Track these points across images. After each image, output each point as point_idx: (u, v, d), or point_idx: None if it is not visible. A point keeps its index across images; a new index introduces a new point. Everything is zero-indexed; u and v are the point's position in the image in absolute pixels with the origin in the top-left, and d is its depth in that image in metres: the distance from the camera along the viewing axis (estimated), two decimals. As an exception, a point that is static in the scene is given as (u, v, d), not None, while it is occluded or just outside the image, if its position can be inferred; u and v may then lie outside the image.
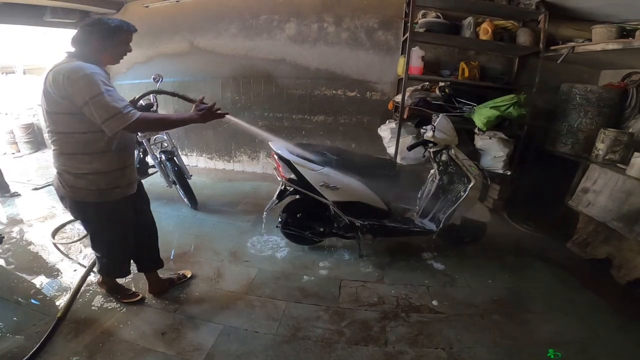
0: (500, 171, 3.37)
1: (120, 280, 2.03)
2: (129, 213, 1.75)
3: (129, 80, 4.49)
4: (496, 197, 3.51)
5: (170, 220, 2.98)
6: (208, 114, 1.65)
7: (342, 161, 2.33)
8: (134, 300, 1.97)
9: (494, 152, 3.36)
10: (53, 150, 1.56)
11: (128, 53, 1.61)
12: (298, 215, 2.46)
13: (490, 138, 3.36)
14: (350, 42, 3.79)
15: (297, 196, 2.41)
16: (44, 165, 4.64)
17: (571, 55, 3.16)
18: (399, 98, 3.44)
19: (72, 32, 1.58)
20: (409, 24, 3.22)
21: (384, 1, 3.63)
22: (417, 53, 3.32)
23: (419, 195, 2.80)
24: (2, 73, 10.03)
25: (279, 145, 2.34)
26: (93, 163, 1.53)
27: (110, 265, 1.86)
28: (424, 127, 2.41)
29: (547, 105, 3.46)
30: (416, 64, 3.33)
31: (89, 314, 1.87)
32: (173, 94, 1.98)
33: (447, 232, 2.53)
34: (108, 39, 1.52)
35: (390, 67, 3.75)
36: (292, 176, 2.26)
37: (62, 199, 1.65)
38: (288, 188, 2.32)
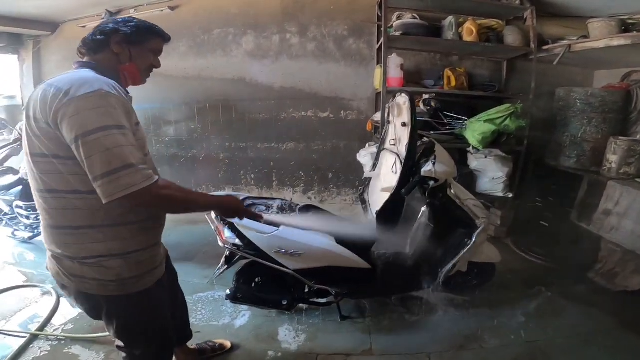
0: (501, 194, 2.92)
1: None
2: (164, 298, 1.22)
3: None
4: (498, 223, 3.04)
5: None
6: (238, 209, 1.29)
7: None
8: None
9: (491, 173, 2.91)
10: (42, 222, 1.03)
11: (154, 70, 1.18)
12: (256, 281, 1.88)
13: (486, 157, 2.92)
14: (317, 53, 3.30)
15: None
16: None
17: (566, 55, 2.77)
18: (378, 116, 2.97)
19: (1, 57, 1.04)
20: (382, 29, 2.78)
21: (352, 5, 3.17)
22: (394, 61, 2.86)
23: (409, 240, 2.27)
24: None
25: None
26: (108, 242, 0.99)
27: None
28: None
29: (542, 114, 3.05)
30: (395, 74, 2.87)
31: None
32: None
33: (449, 279, 2.02)
34: (135, 43, 1.09)
35: (365, 81, 3.27)
36: (237, 241, 1.70)
37: (62, 287, 1.10)
38: (235, 253, 1.76)
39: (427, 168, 1.70)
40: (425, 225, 2.07)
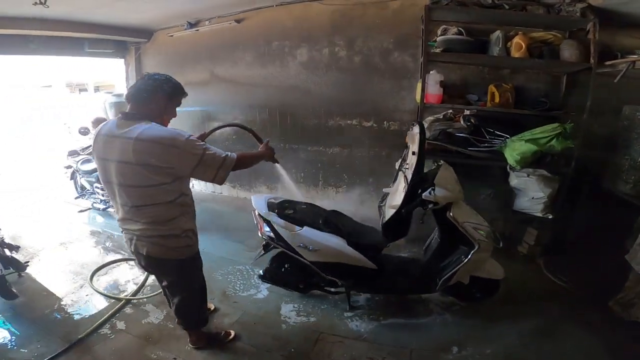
0: (539, 214, 2.86)
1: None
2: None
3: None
4: (533, 242, 2.99)
5: None
6: (273, 154, 1.93)
7: (326, 223, 2.22)
8: (231, 338, 2.09)
9: (532, 193, 2.86)
10: (136, 221, 1.53)
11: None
12: (285, 266, 2.40)
13: (528, 176, 2.87)
14: (363, 66, 3.48)
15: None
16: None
17: (631, 70, 2.46)
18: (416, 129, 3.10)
19: (110, 61, 1.69)
20: (423, 43, 2.82)
21: (398, 18, 3.23)
22: (434, 78, 2.89)
23: (424, 247, 2.52)
24: (77, 90, 11.44)
25: (260, 202, 2.27)
26: (189, 222, 1.63)
27: (201, 314, 1.98)
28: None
29: (603, 132, 2.79)
30: (433, 90, 2.91)
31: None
32: (245, 128, 2.23)
33: (452, 288, 2.26)
34: (173, 99, 1.55)
35: (408, 94, 3.35)
36: (271, 234, 2.20)
37: (141, 257, 1.64)
38: (270, 243, 2.29)
39: (426, 193, 1.95)
40: (436, 238, 2.36)
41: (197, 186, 4.94)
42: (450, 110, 3.08)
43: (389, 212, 2.17)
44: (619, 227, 2.71)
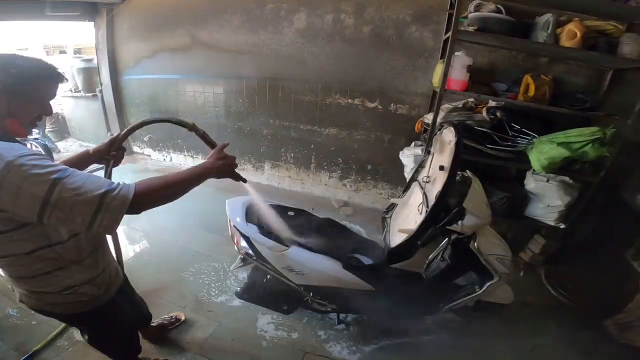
0: (552, 223, 2.58)
1: None
2: (125, 298, 1.49)
3: (137, 75, 4.19)
4: (537, 251, 2.75)
5: (146, 246, 2.78)
6: (229, 168, 1.16)
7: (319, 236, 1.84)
8: None
9: (548, 200, 2.56)
10: (6, 275, 1.09)
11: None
12: (264, 281, 1.98)
13: (548, 181, 2.55)
14: (373, 39, 2.94)
15: None
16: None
17: None
18: (430, 117, 2.66)
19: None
20: (453, 19, 2.32)
21: (423, -16, 2.67)
22: (461, 61, 2.41)
23: (426, 262, 2.20)
24: (56, 52, 10.39)
25: (236, 208, 1.83)
26: (75, 276, 1.12)
27: (128, 349, 1.62)
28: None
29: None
30: (458, 75, 2.44)
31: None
32: (185, 125, 1.27)
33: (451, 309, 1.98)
34: (20, 92, 0.92)
35: (424, 75, 2.89)
36: (250, 252, 1.78)
37: (38, 311, 1.21)
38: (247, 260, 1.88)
39: (454, 225, 1.57)
40: (443, 259, 2.01)
41: (175, 159, 4.47)
42: (472, 99, 2.65)
43: (398, 237, 1.77)
44: (630, 241, 2.47)
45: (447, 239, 1.95)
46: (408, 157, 2.90)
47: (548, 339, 2.17)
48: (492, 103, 2.57)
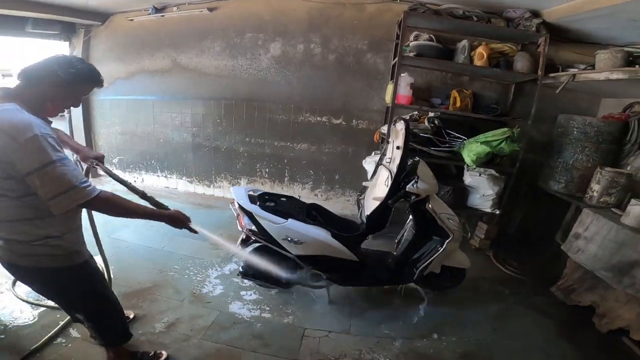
0: (489, 210, 3.20)
1: None
2: (99, 271, 1.57)
3: (111, 96, 4.31)
4: (483, 236, 3.34)
5: (134, 252, 2.85)
6: (182, 220, 1.50)
7: (309, 215, 2.20)
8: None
9: (483, 190, 3.19)
10: None
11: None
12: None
13: (480, 175, 3.19)
14: (337, 65, 3.58)
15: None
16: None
17: (571, 83, 2.94)
18: (385, 129, 3.26)
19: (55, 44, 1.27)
20: (399, 48, 3.02)
21: (374, 21, 3.41)
22: (405, 80, 3.11)
23: (396, 240, 2.64)
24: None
25: (241, 193, 2.16)
26: (49, 228, 1.25)
27: (118, 328, 1.63)
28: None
29: (542, 138, 3.27)
30: (404, 92, 3.13)
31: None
32: (134, 190, 1.62)
33: (424, 278, 2.39)
34: (69, 87, 1.21)
35: (378, 94, 3.55)
36: (253, 227, 2.10)
37: (10, 267, 1.31)
38: (250, 237, 2.18)
39: (411, 186, 2.05)
40: (409, 230, 2.48)
41: (147, 180, 4.53)
42: (417, 112, 3.32)
43: (372, 204, 2.22)
44: (553, 221, 3.18)
45: (409, 218, 2.46)
46: (370, 164, 3.41)
47: (508, 303, 2.59)
48: (431, 114, 3.25)
